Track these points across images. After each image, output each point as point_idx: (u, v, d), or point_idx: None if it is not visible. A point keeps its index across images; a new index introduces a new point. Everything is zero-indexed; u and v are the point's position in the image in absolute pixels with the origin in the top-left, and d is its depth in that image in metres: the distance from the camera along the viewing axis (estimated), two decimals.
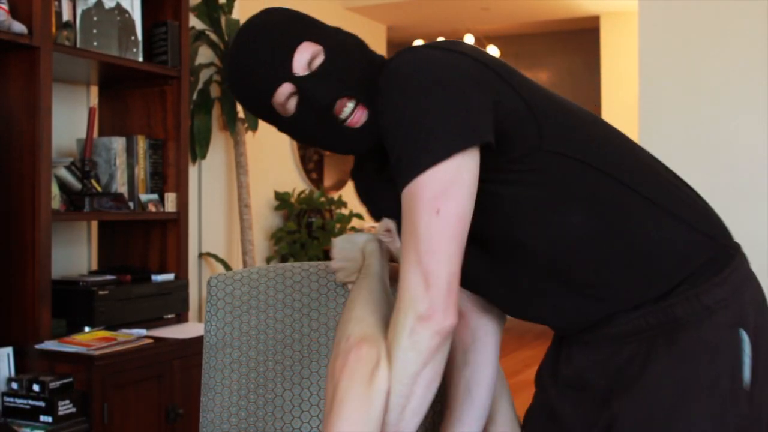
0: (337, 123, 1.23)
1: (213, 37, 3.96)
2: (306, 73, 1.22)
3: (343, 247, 1.46)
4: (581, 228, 1.19)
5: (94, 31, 2.76)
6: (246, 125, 3.97)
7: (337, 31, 1.29)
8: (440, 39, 1.26)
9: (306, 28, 1.25)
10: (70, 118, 3.05)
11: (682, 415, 1.17)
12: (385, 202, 1.35)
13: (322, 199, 4.92)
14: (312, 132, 1.27)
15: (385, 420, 1.12)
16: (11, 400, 2.30)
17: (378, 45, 6.68)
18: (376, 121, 1.21)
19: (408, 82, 1.15)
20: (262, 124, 4.10)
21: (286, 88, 1.22)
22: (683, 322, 1.18)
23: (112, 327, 2.65)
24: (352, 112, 1.22)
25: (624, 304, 1.21)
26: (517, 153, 1.18)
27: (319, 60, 1.23)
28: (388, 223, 1.39)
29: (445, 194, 1.10)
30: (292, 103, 1.24)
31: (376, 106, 1.21)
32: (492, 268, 1.26)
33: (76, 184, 2.73)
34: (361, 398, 1.12)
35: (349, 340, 1.18)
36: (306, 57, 1.22)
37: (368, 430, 1.11)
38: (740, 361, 1.18)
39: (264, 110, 1.27)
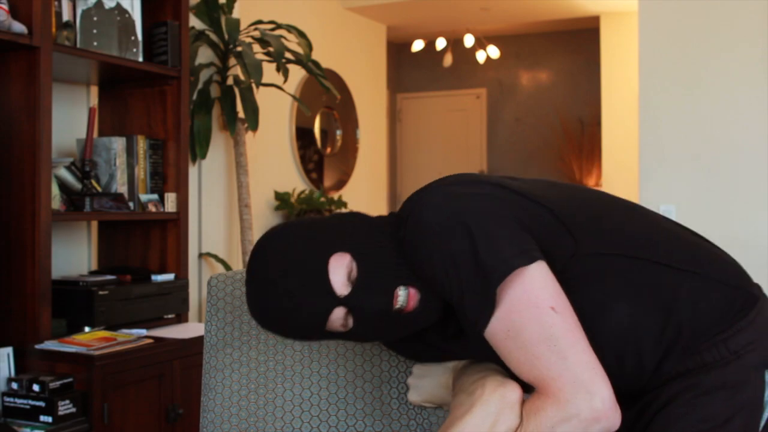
0: (398, 315, 1.19)
1: (213, 37, 3.96)
2: (349, 290, 1.17)
3: (421, 375, 1.41)
4: (628, 320, 1.19)
5: (94, 31, 2.76)
6: (246, 125, 3.97)
7: (345, 222, 1.23)
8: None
9: (326, 241, 1.18)
10: (70, 118, 3.05)
11: None
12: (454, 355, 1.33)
13: (322, 199, 4.92)
14: (377, 333, 1.23)
15: None
16: (11, 400, 2.30)
17: (378, 45, 6.68)
18: (427, 290, 1.17)
19: (444, 227, 1.12)
20: (262, 124, 4.10)
21: (338, 313, 1.17)
22: (710, 367, 1.19)
23: (112, 327, 2.65)
24: (406, 299, 1.18)
25: (660, 370, 1.22)
26: (558, 266, 1.17)
27: (354, 268, 1.17)
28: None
29: (547, 293, 1.10)
30: (350, 320, 1.19)
31: (418, 272, 1.17)
32: None
33: (76, 184, 2.73)
34: None
35: None
36: (342, 273, 1.16)
37: None
38: (762, 402, 1.19)
39: (321, 336, 1.23)
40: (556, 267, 1.16)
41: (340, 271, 1.16)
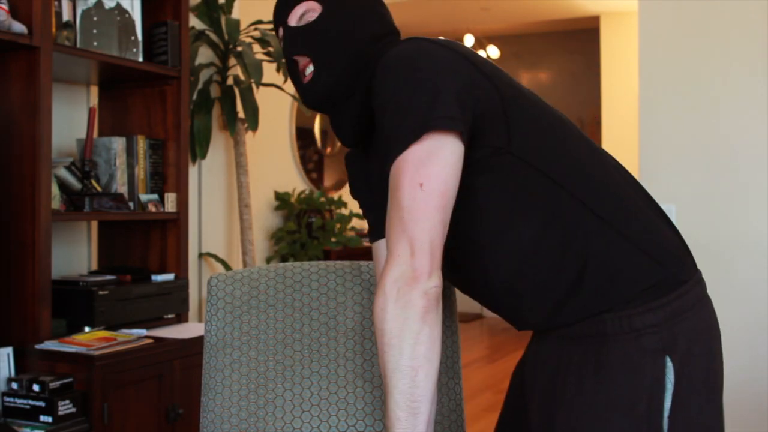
0: (298, 79, 1.37)
1: (213, 37, 3.96)
2: (294, 24, 1.35)
3: None
4: (531, 241, 1.22)
5: (94, 31, 2.76)
6: (246, 125, 3.97)
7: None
8: (440, 38, 1.31)
9: None
10: (70, 118, 3.05)
11: None
12: (369, 180, 1.46)
13: (322, 199, 4.92)
14: (292, 78, 1.39)
15: (399, 390, 1.13)
16: (11, 400, 2.30)
17: None
18: (327, 91, 1.34)
19: (397, 68, 1.22)
20: (262, 124, 4.10)
21: (281, 33, 1.37)
22: (610, 340, 1.20)
23: (112, 327, 2.65)
24: (310, 74, 1.34)
25: (563, 318, 1.24)
26: (484, 152, 1.23)
27: (310, 17, 1.34)
28: None
29: (428, 170, 1.16)
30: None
31: (340, 81, 1.32)
32: (456, 263, 1.31)
33: (76, 184, 2.73)
34: None
35: None
36: (301, 11, 1.34)
37: None
38: (662, 388, 1.19)
39: None
40: (483, 150, 1.23)
41: (301, 9, 1.36)
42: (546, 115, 1.30)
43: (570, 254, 1.21)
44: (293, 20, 1.35)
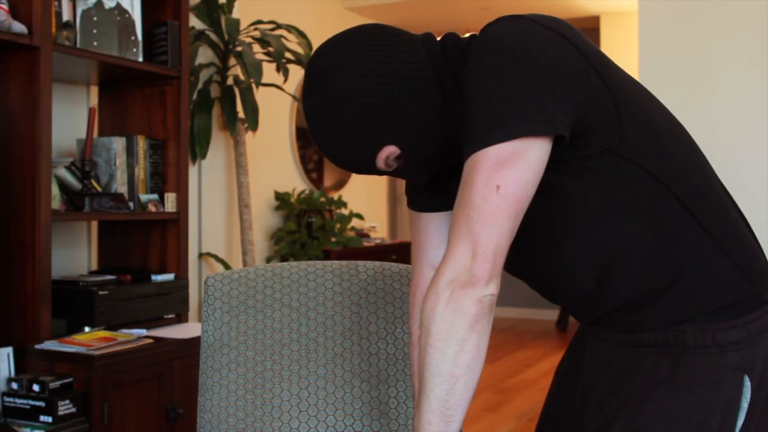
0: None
1: (213, 37, 3.97)
2: (388, 169, 1.24)
3: None
4: (630, 240, 1.18)
5: (94, 31, 2.76)
6: (246, 125, 3.98)
7: (406, 103, 1.20)
8: (540, 15, 1.24)
9: (379, 126, 1.19)
10: (70, 118, 3.05)
11: None
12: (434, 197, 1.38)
13: (322, 199, 4.92)
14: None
15: (435, 395, 1.09)
16: (11, 400, 2.31)
17: None
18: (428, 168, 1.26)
19: (503, 50, 1.12)
20: (262, 124, 4.10)
21: (381, 164, 1.25)
22: (691, 352, 1.18)
23: (112, 327, 2.65)
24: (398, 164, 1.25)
25: (645, 322, 1.21)
26: (591, 151, 1.16)
27: (395, 156, 1.22)
28: None
29: (509, 173, 1.08)
30: (394, 164, 1.25)
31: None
32: (526, 250, 1.25)
33: (76, 184, 2.74)
34: None
35: None
36: (382, 158, 1.22)
37: None
38: (737, 406, 1.17)
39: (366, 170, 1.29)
40: (590, 150, 1.15)
41: (382, 156, 1.21)
42: (656, 113, 1.25)
43: (667, 260, 1.18)
44: (383, 166, 1.24)
